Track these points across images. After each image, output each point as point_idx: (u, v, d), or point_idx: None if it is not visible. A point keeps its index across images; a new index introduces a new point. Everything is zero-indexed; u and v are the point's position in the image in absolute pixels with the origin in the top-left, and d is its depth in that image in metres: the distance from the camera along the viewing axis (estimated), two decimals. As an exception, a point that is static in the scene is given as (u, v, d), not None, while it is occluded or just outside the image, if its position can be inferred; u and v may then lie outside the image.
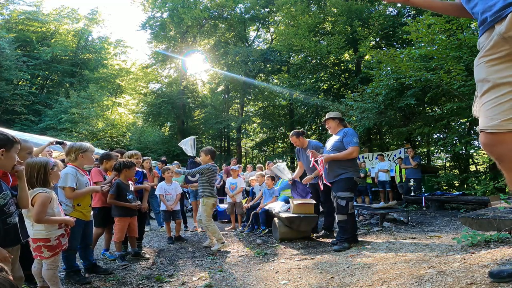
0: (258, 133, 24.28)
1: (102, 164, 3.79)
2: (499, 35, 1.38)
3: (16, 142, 1.75)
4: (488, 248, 2.35)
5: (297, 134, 4.57)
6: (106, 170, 3.78)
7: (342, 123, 4.10)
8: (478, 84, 1.49)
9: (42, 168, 2.13)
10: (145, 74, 23.05)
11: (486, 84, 1.43)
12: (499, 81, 1.38)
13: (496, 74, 1.40)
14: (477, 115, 1.50)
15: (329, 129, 4.13)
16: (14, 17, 22.35)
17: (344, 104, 10.19)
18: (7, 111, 18.68)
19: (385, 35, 12.26)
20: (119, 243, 3.57)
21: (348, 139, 3.78)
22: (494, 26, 1.41)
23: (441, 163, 14.20)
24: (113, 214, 3.57)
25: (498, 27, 1.38)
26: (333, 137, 4.04)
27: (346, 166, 3.75)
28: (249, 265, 3.27)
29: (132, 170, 3.68)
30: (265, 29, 22.60)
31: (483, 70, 1.45)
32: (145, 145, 18.95)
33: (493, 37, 1.42)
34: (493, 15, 1.40)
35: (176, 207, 5.04)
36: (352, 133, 3.83)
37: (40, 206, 2.05)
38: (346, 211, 3.69)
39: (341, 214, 3.71)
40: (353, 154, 3.75)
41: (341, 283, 2.14)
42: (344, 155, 3.73)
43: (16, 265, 1.88)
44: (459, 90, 6.68)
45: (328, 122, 4.09)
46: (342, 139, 3.83)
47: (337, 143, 3.85)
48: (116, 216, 3.56)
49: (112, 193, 3.50)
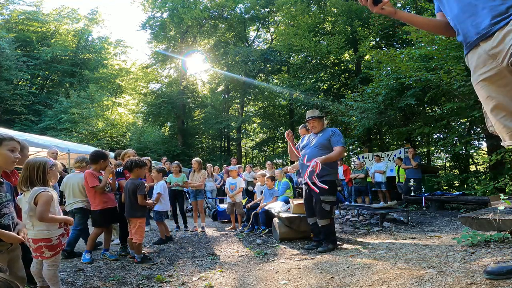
0: (258, 133, 24.29)
1: (96, 164, 3.69)
2: (486, 52, 1.41)
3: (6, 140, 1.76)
4: (488, 248, 2.35)
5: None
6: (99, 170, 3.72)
7: (324, 122, 3.99)
8: (484, 103, 1.52)
9: (41, 167, 2.14)
10: (145, 74, 23.06)
11: (490, 102, 1.47)
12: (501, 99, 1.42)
13: (496, 93, 1.43)
14: (494, 132, 1.55)
15: (313, 129, 3.92)
16: (14, 17, 22.35)
17: (344, 104, 10.19)
18: (7, 111, 18.69)
19: (385, 35, 12.25)
20: (140, 245, 3.52)
21: (337, 138, 3.69)
22: (479, 44, 1.44)
23: (441, 163, 14.20)
24: (134, 215, 3.51)
25: (484, 45, 1.42)
26: (315, 136, 3.88)
27: (329, 168, 3.65)
28: (249, 265, 3.27)
29: (143, 169, 3.67)
30: (265, 29, 22.62)
31: (484, 89, 1.48)
32: (145, 145, 18.95)
33: (481, 54, 1.45)
34: (480, 33, 1.42)
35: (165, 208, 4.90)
36: (340, 133, 3.77)
37: (44, 205, 2.06)
38: (330, 216, 3.61)
39: (325, 219, 3.59)
40: (341, 154, 3.69)
41: (341, 283, 2.14)
42: (334, 155, 3.61)
43: (19, 265, 1.87)
44: (459, 90, 6.68)
45: (315, 121, 3.90)
46: (329, 137, 3.72)
47: (325, 141, 3.73)
48: (140, 217, 3.52)
49: (144, 194, 3.50)
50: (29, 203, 2.07)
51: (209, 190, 8.34)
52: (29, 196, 2.08)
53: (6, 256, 1.75)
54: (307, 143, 3.94)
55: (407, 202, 8.10)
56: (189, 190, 6.05)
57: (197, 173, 5.98)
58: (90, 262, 3.44)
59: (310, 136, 3.98)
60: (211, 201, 8.27)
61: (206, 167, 8.13)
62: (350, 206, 7.30)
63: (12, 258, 1.80)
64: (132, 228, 3.53)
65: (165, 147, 19.01)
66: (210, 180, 8.20)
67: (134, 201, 3.50)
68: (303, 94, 13.50)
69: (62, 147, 7.98)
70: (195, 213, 6.02)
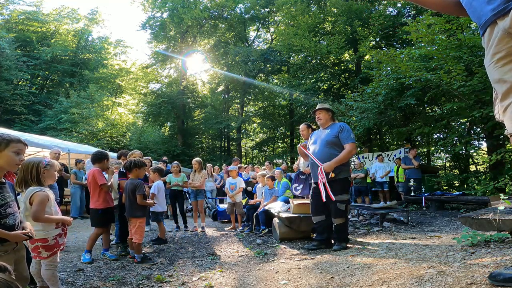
0: (258, 133, 24.29)
1: (101, 163, 3.72)
2: (504, 30, 1.29)
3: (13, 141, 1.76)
4: (488, 248, 2.35)
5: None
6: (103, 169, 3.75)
7: (333, 117, 3.85)
8: (495, 86, 1.40)
9: (35, 167, 2.14)
10: (145, 74, 23.07)
11: (504, 85, 1.33)
12: None
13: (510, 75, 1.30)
14: (500, 119, 1.42)
15: (319, 121, 3.80)
16: (14, 17, 22.35)
17: (344, 104, 10.19)
18: (7, 111, 18.69)
19: (385, 35, 12.26)
20: (140, 245, 3.52)
21: (346, 134, 3.53)
22: (496, 22, 1.32)
23: (441, 163, 14.20)
24: (134, 215, 3.52)
25: (501, 22, 1.30)
26: (323, 131, 3.75)
27: (341, 165, 3.52)
28: (249, 265, 3.26)
29: (143, 170, 3.68)
30: (265, 29, 22.62)
31: (496, 71, 1.36)
32: (145, 145, 18.96)
33: (498, 33, 1.32)
34: (495, 9, 1.31)
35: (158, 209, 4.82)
36: (348, 129, 3.60)
37: (38, 205, 2.06)
38: (346, 215, 3.57)
39: (340, 218, 3.54)
40: (352, 152, 3.54)
41: (341, 283, 2.14)
42: (345, 156, 3.48)
43: (24, 265, 1.87)
44: (459, 90, 6.68)
45: (321, 112, 3.76)
46: (338, 134, 3.57)
47: (333, 138, 3.59)
48: (139, 217, 3.52)
49: (143, 194, 3.50)
50: (25, 202, 2.07)
51: (209, 190, 8.33)
52: (25, 196, 2.08)
53: (13, 256, 1.75)
54: (315, 140, 3.83)
55: (407, 202, 8.10)
56: (189, 190, 6.05)
57: (197, 173, 5.98)
58: (90, 262, 3.44)
59: (318, 133, 3.86)
60: (211, 201, 8.26)
61: (206, 167, 8.13)
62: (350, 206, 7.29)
63: (18, 258, 1.81)
64: (132, 228, 3.54)
65: (165, 147, 19.02)
66: (210, 180, 8.20)
67: (134, 201, 3.50)
68: (303, 94, 13.50)
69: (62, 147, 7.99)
70: (195, 213, 6.02)
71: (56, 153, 5.42)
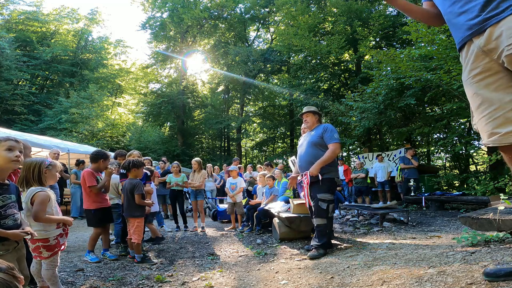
0: (258, 133, 24.28)
1: (96, 164, 3.69)
2: (479, 48, 1.39)
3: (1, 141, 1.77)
4: (488, 248, 2.35)
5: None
6: (99, 170, 3.72)
7: (320, 119, 3.87)
8: (470, 100, 1.50)
9: (37, 167, 2.14)
10: (145, 74, 23.06)
11: (477, 99, 1.44)
12: (488, 95, 1.38)
13: (484, 89, 1.40)
14: (477, 130, 1.51)
15: (306, 124, 3.84)
16: (14, 17, 22.34)
17: (344, 104, 10.19)
18: (7, 111, 18.67)
19: (385, 35, 12.26)
20: (139, 245, 3.52)
21: (329, 134, 3.54)
22: (472, 40, 1.42)
23: (441, 163, 14.19)
24: (133, 215, 3.52)
25: (477, 41, 1.39)
26: (309, 134, 3.76)
27: (327, 165, 3.50)
28: (249, 265, 3.27)
29: (141, 170, 3.68)
30: (265, 29, 22.61)
31: (471, 86, 1.46)
32: (145, 145, 18.95)
33: (473, 50, 1.42)
34: (472, 28, 1.40)
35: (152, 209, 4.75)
36: (332, 129, 3.61)
37: (39, 205, 2.06)
38: (327, 215, 3.45)
39: (321, 218, 3.43)
40: (336, 152, 3.53)
41: (341, 283, 2.14)
42: (329, 156, 3.46)
43: (24, 264, 1.88)
44: (459, 90, 6.68)
45: (308, 116, 3.80)
46: (322, 134, 3.59)
47: (317, 139, 3.60)
48: (138, 217, 3.52)
49: (141, 193, 3.51)
50: (26, 203, 2.07)
51: (209, 190, 8.34)
52: (26, 196, 2.08)
53: (15, 255, 1.77)
54: (302, 142, 3.86)
55: (407, 202, 8.10)
56: (189, 190, 6.05)
57: (197, 173, 5.98)
58: (99, 262, 3.47)
59: (305, 135, 3.89)
60: (211, 201, 8.27)
61: (206, 167, 8.13)
62: (350, 206, 7.30)
63: (19, 258, 1.82)
64: (131, 228, 3.54)
65: (165, 147, 19.01)
66: (210, 180, 8.21)
67: (132, 201, 3.51)
68: (303, 94, 13.49)
69: (62, 147, 7.99)
70: (195, 213, 6.02)
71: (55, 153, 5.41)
